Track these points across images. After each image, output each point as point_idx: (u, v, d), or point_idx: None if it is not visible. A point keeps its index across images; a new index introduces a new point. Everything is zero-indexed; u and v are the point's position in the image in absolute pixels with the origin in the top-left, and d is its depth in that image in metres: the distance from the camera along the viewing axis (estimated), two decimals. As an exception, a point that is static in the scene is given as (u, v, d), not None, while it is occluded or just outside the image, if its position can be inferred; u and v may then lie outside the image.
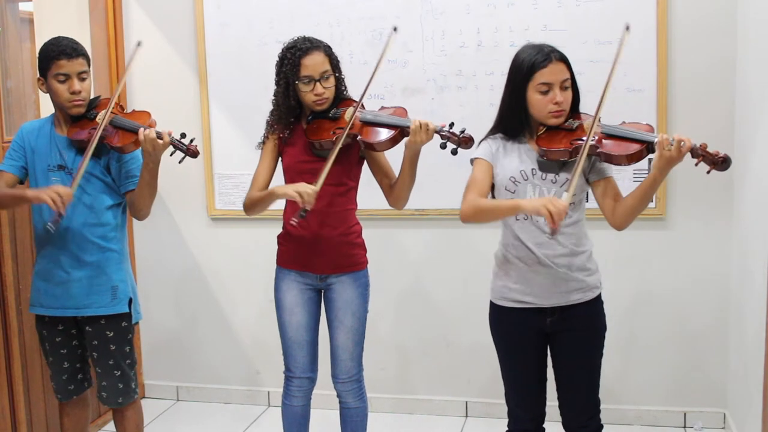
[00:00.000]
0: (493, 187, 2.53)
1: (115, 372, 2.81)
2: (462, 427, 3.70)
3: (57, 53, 2.64)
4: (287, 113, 2.72)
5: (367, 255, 2.85)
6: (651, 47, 3.35)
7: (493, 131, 2.53)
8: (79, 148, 2.68)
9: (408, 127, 2.56)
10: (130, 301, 2.80)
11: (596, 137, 2.35)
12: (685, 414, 3.56)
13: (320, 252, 2.73)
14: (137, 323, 2.91)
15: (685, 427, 3.56)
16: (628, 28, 2.36)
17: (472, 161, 2.52)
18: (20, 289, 3.13)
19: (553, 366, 2.55)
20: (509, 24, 3.48)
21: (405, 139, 2.61)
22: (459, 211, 2.48)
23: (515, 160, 2.46)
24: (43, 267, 2.77)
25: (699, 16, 3.32)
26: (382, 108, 2.75)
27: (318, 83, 2.65)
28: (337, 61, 2.73)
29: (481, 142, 2.54)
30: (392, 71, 3.61)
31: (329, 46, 2.72)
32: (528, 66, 2.39)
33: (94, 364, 2.84)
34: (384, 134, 2.62)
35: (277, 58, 2.71)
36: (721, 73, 3.32)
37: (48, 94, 2.74)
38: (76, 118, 2.73)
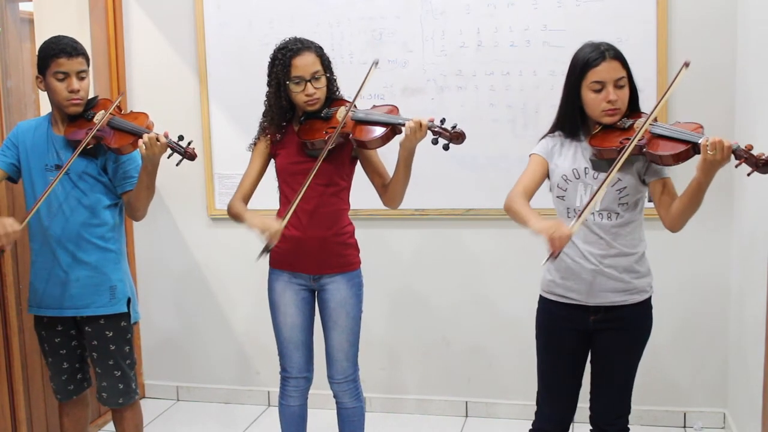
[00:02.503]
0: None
1: (116, 372, 2.81)
2: (462, 427, 3.70)
3: (57, 51, 2.64)
4: (279, 114, 2.72)
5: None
6: (651, 47, 3.35)
7: (552, 129, 2.54)
8: (76, 148, 2.68)
9: (400, 125, 2.56)
10: (129, 300, 2.80)
11: (644, 138, 2.33)
12: (685, 414, 3.56)
13: (313, 252, 2.73)
14: (136, 323, 2.91)
15: (685, 427, 3.56)
16: (687, 65, 2.34)
17: (530, 156, 2.54)
18: (20, 289, 3.13)
19: (591, 362, 2.55)
20: (509, 24, 3.48)
21: (398, 138, 2.61)
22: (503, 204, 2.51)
23: (570, 158, 2.47)
24: (41, 267, 2.77)
25: (699, 16, 3.32)
26: (374, 107, 2.75)
27: (309, 83, 2.65)
28: (329, 62, 2.73)
29: (541, 139, 2.56)
30: (392, 71, 3.61)
31: (320, 47, 2.72)
32: (582, 64, 2.38)
33: (93, 364, 2.84)
34: (376, 132, 2.62)
35: (269, 59, 2.72)
36: (721, 73, 3.32)
37: (46, 93, 2.74)
38: (73, 117, 2.73)
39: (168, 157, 2.63)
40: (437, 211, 3.67)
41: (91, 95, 2.78)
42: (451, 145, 2.50)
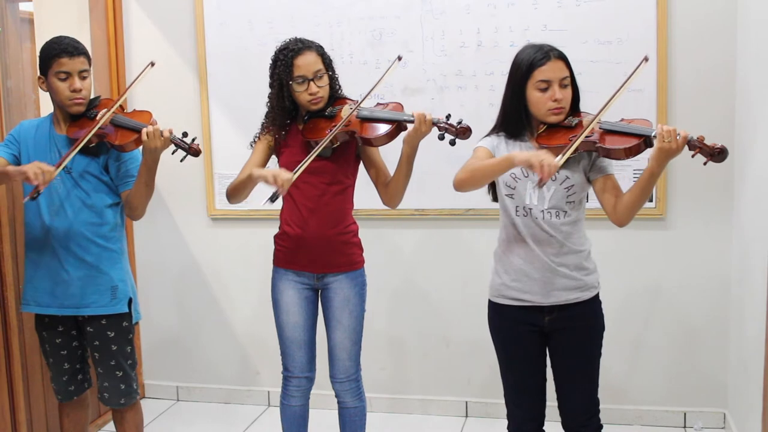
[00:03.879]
0: (494, 184, 2.55)
1: (117, 372, 2.81)
2: (462, 427, 3.70)
3: (59, 51, 2.65)
4: (282, 114, 2.73)
5: (367, 255, 2.85)
6: (651, 47, 3.35)
7: (495, 130, 2.54)
8: (78, 144, 2.68)
9: (405, 121, 2.57)
10: (130, 301, 2.80)
11: (595, 134, 2.37)
12: (685, 414, 3.56)
13: (317, 251, 2.73)
14: (137, 323, 2.91)
15: (685, 427, 3.56)
16: (646, 59, 2.41)
17: (474, 149, 2.53)
18: (20, 289, 3.12)
19: (552, 365, 2.56)
20: (509, 24, 3.48)
21: (402, 134, 2.61)
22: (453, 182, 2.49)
23: None
24: (42, 266, 2.76)
25: (699, 17, 3.32)
26: (378, 105, 2.75)
27: (312, 83, 2.65)
28: (330, 61, 2.74)
29: (484, 136, 2.56)
30: (392, 71, 3.60)
31: (321, 46, 2.72)
32: (527, 64, 2.41)
33: (95, 364, 2.84)
34: (381, 129, 2.62)
35: (270, 61, 2.72)
36: (721, 73, 3.32)
37: (48, 93, 2.74)
38: (75, 117, 2.74)
39: (172, 153, 2.63)
40: (437, 210, 3.67)
41: (92, 95, 2.78)
42: (457, 140, 2.51)
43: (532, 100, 2.43)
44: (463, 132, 2.49)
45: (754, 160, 3.02)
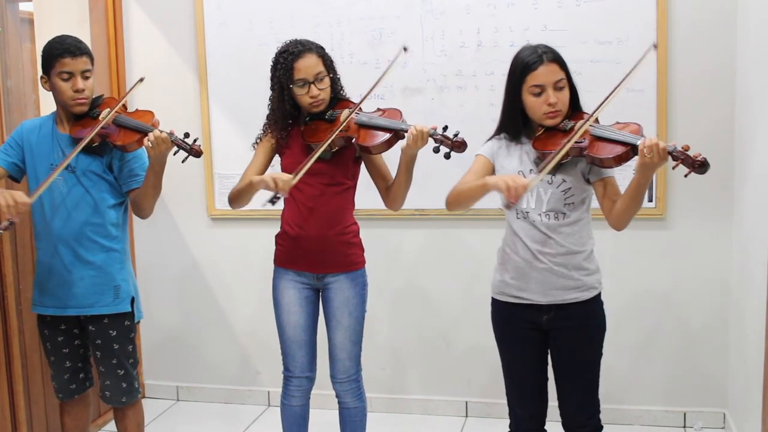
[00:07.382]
0: None
1: (119, 371, 2.81)
2: (462, 427, 3.70)
3: (61, 51, 2.65)
4: (284, 117, 2.72)
5: (367, 255, 2.85)
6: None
7: (497, 132, 2.56)
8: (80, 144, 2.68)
9: (403, 130, 2.56)
10: (132, 300, 2.81)
11: (585, 140, 2.36)
12: (685, 414, 3.56)
13: (317, 251, 2.73)
14: (138, 322, 2.92)
15: (685, 427, 3.56)
16: (655, 46, 2.36)
17: (475, 156, 2.56)
18: (20, 289, 3.13)
19: (552, 364, 2.57)
20: (509, 24, 3.48)
21: (400, 142, 2.61)
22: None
23: (515, 161, 2.49)
24: (45, 266, 2.76)
25: (699, 17, 3.32)
26: (378, 110, 2.74)
27: (313, 85, 2.65)
28: (331, 62, 2.73)
29: (487, 141, 2.57)
30: (392, 71, 3.60)
31: (322, 47, 2.71)
32: (520, 68, 2.41)
33: (97, 363, 2.84)
34: (379, 137, 2.62)
35: (271, 63, 2.71)
36: (721, 74, 3.32)
37: (51, 93, 2.74)
38: (78, 116, 2.74)
39: (174, 154, 2.63)
40: (437, 211, 3.66)
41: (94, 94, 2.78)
42: (453, 153, 2.50)
43: (528, 104, 2.43)
44: (459, 146, 2.48)
45: (754, 160, 3.02)
